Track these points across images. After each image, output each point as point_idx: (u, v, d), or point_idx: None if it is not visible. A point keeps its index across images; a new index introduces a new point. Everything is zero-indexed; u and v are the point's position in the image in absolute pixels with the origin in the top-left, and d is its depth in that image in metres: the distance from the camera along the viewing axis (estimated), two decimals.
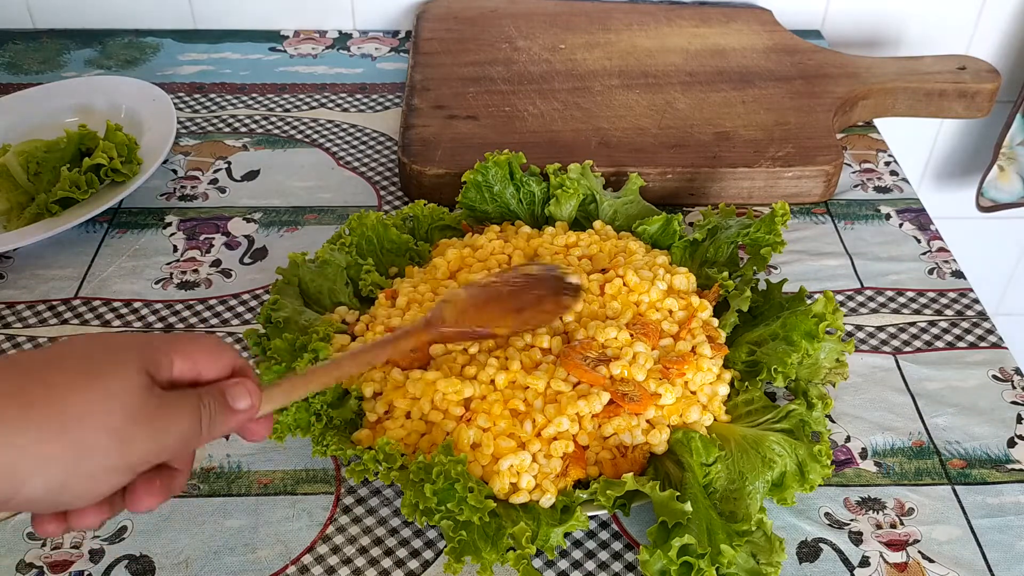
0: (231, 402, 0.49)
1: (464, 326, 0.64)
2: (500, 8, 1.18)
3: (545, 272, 0.67)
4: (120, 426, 0.44)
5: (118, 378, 0.45)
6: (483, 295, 0.66)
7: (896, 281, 0.87)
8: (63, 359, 0.45)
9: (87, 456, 0.43)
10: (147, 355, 0.46)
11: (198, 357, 0.49)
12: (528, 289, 0.67)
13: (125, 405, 0.44)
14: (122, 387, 0.44)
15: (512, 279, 0.67)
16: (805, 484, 0.64)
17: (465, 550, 0.59)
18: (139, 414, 0.45)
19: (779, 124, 0.98)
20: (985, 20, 1.25)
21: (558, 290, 0.68)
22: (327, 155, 1.00)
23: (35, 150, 0.90)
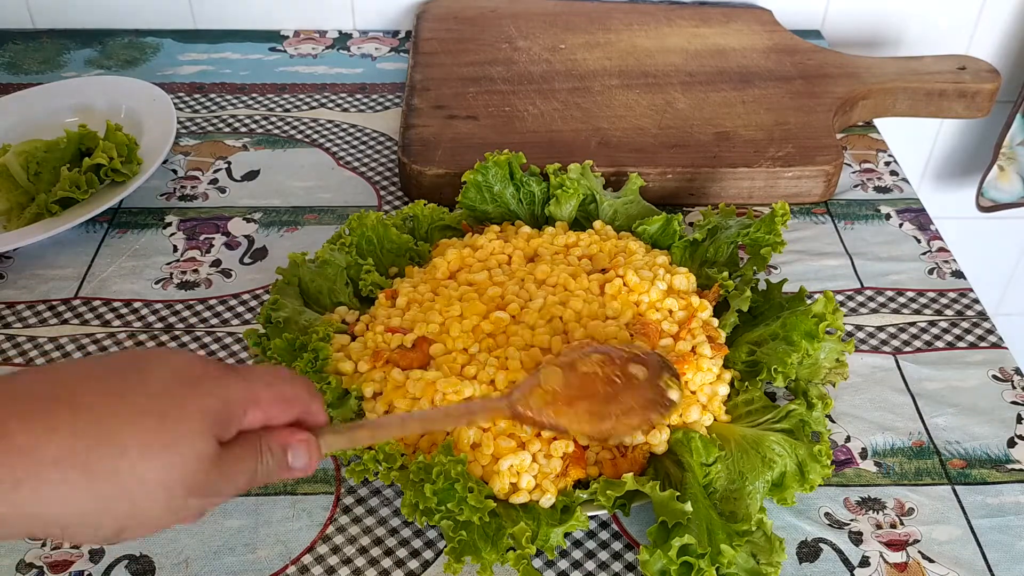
0: (291, 460, 0.48)
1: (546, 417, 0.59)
2: (500, 8, 1.18)
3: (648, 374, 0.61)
4: (179, 499, 0.44)
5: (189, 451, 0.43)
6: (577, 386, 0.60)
7: (896, 281, 0.87)
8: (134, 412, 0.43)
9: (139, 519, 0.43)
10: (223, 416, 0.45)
11: (272, 406, 0.48)
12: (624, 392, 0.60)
13: (190, 482, 0.43)
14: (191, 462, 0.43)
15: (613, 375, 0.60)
16: (805, 484, 0.64)
17: (465, 550, 0.59)
18: (200, 487, 0.44)
19: (779, 124, 0.98)
20: (985, 20, 1.25)
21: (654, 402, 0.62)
22: (327, 155, 1.00)
23: (35, 150, 0.90)
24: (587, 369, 0.60)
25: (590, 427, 0.59)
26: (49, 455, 0.40)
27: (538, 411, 0.58)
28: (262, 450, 0.47)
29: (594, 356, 0.61)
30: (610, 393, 0.60)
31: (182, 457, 0.43)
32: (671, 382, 0.62)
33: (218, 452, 0.45)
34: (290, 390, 0.49)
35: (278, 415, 0.48)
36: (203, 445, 0.44)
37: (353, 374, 0.70)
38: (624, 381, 0.60)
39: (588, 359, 0.61)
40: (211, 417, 0.44)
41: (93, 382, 0.44)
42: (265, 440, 0.47)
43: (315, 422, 0.50)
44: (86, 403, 0.42)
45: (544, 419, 0.58)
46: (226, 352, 0.78)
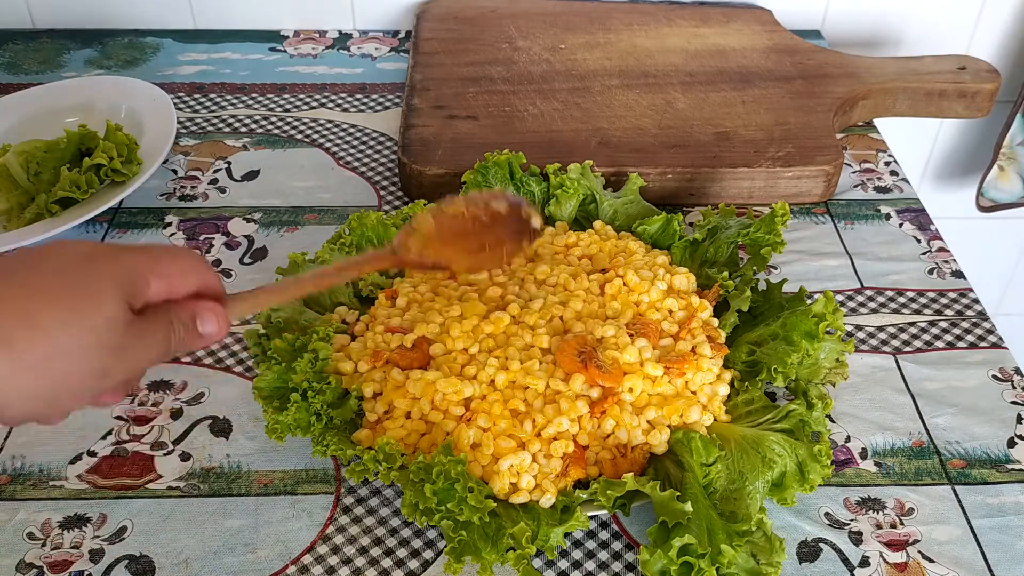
0: (200, 327, 0.51)
1: (426, 258, 0.64)
2: (500, 8, 1.18)
3: (510, 211, 0.67)
4: (99, 363, 0.46)
5: (100, 314, 0.46)
6: (449, 228, 0.66)
7: (896, 281, 0.87)
8: (44, 284, 0.46)
9: (65, 388, 0.46)
10: (127, 283, 0.48)
11: (173, 276, 0.51)
12: (492, 228, 0.67)
13: (105, 343, 0.46)
14: (104, 324, 0.46)
15: (479, 215, 0.67)
16: (805, 484, 0.64)
17: (465, 550, 0.59)
18: (117, 349, 0.47)
19: (779, 124, 0.98)
20: (985, 20, 1.25)
21: (520, 232, 0.68)
22: (327, 155, 1.00)
23: (35, 150, 0.90)
24: (454, 211, 0.66)
25: (467, 261, 0.66)
26: None
27: (418, 253, 0.63)
28: (172, 320, 0.50)
29: (458, 199, 0.66)
30: (479, 229, 0.66)
31: (94, 321, 0.46)
32: (531, 212, 0.67)
33: (130, 317, 0.48)
34: (187, 260, 0.53)
35: (179, 284, 0.51)
36: (113, 308, 0.47)
37: (353, 374, 0.70)
38: (489, 218, 0.66)
39: (453, 202, 0.66)
40: (117, 283, 0.47)
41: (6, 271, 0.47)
42: (174, 310, 0.51)
43: (215, 294, 0.53)
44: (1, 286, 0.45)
45: (425, 259, 0.64)
46: (226, 352, 0.78)
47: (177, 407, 0.74)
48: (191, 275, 0.52)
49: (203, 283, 0.53)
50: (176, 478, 0.69)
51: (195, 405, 0.74)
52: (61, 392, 0.46)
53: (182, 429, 0.72)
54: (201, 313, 0.52)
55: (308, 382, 0.67)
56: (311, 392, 0.66)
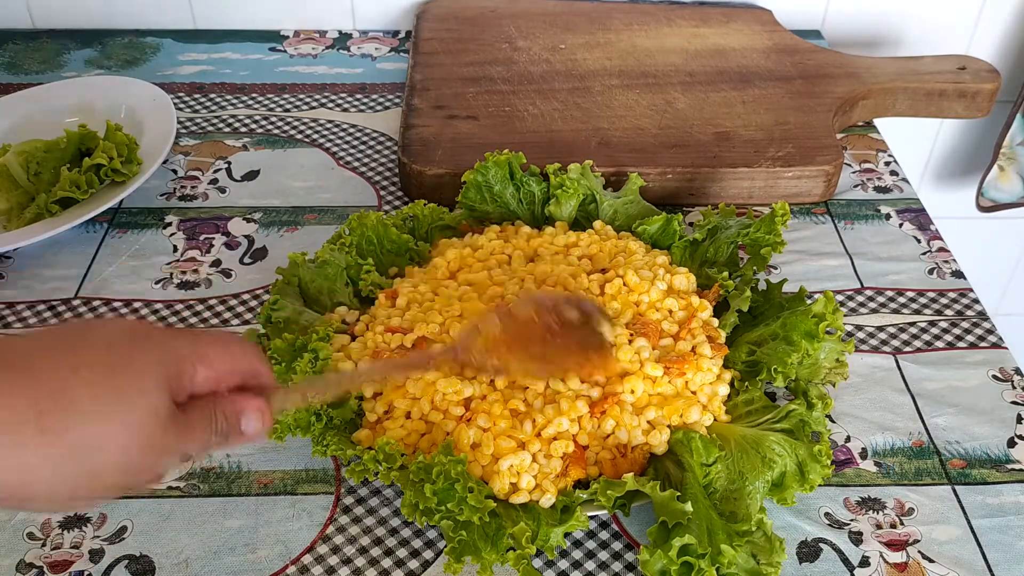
0: (244, 426, 0.49)
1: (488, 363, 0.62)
2: (500, 8, 1.18)
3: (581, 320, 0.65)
4: (133, 459, 0.44)
5: (139, 406, 0.44)
6: (515, 332, 0.63)
7: (896, 281, 0.87)
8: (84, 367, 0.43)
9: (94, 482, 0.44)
10: (172, 371, 0.46)
11: (220, 367, 0.48)
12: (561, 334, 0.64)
13: (142, 440, 0.44)
14: (144, 417, 0.44)
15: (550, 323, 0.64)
16: (805, 484, 0.64)
17: (465, 550, 0.59)
18: (154, 446, 0.44)
19: (779, 124, 0.98)
20: (985, 20, 1.25)
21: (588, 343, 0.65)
22: (327, 155, 1.00)
23: (35, 150, 0.90)
24: (524, 315, 0.63)
25: (533, 368, 0.63)
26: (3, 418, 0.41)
27: (481, 356, 0.62)
28: (216, 415, 0.48)
29: (529, 303, 0.64)
30: (548, 336, 0.63)
31: (135, 413, 0.43)
32: (604, 322, 0.65)
33: (172, 409, 0.45)
34: (238, 348, 0.50)
35: (227, 374, 0.49)
36: (156, 400, 0.44)
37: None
38: (560, 325, 0.63)
39: (523, 306, 0.64)
40: (162, 371, 0.45)
41: (45, 349, 0.44)
42: (219, 405, 0.48)
43: (264, 386, 0.51)
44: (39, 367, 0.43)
45: (488, 364, 0.62)
46: None
47: None
48: (239, 363, 0.50)
49: (251, 371, 0.50)
50: (176, 478, 0.69)
51: None
52: (89, 485, 0.44)
53: None
54: (246, 411, 0.49)
55: None
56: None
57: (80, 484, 0.43)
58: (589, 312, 0.65)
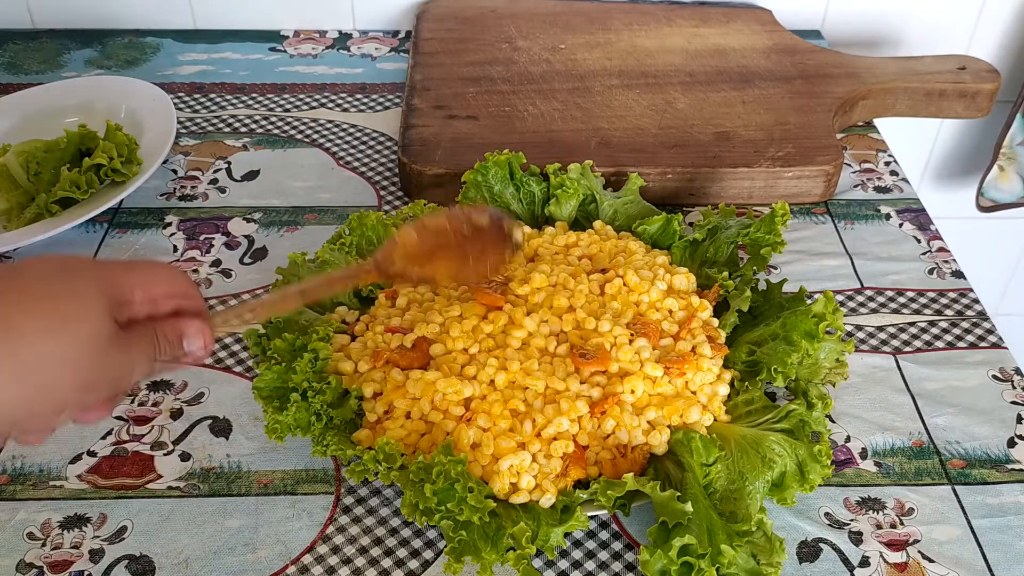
0: (186, 344, 0.52)
1: (409, 271, 0.65)
2: (500, 8, 1.18)
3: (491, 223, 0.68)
4: (83, 374, 0.45)
5: (84, 324, 0.45)
6: (432, 242, 0.66)
7: (896, 281, 0.87)
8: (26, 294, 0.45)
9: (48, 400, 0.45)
10: (110, 292, 0.47)
11: (156, 289, 0.50)
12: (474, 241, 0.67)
13: (89, 354, 0.45)
14: (88, 335, 0.45)
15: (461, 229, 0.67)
16: (805, 484, 0.64)
17: (465, 550, 0.59)
18: (102, 361, 0.46)
19: (779, 124, 0.98)
20: (985, 20, 1.25)
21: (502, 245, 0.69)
22: (327, 155, 1.00)
23: (35, 150, 0.90)
24: (436, 225, 0.66)
25: (450, 273, 0.67)
26: None
27: (402, 266, 0.65)
28: (158, 336, 0.50)
29: (440, 214, 0.67)
30: (461, 243, 0.66)
31: (79, 332, 0.45)
32: (512, 225, 0.68)
33: (115, 329, 0.47)
34: (169, 273, 0.52)
35: (162, 298, 0.51)
36: (97, 319, 0.46)
37: (353, 374, 0.70)
38: (472, 232, 0.67)
39: (436, 217, 0.67)
40: (101, 294, 0.47)
41: None
42: (159, 328, 0.50)
43: (197, 308, 0.53)
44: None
45: (408, 272, 0.65)
46: (226, 352, 0.78)
47: (177, 407, 0.74)
48: (173, 287, 0.52)
49: (185, 296, 0.53)
50: (176, 478, 0.69)
51: (195, 405, 0.74)
52: (44, 404, 0.45)
53: (182, 429, 0.72)
54: (187, 330, 0.52)
55: (308, 382, 0.67)
56: (311, 392, 0.66)
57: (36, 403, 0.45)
58: (498, 217, 0.68)
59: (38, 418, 0.46)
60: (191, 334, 0.52)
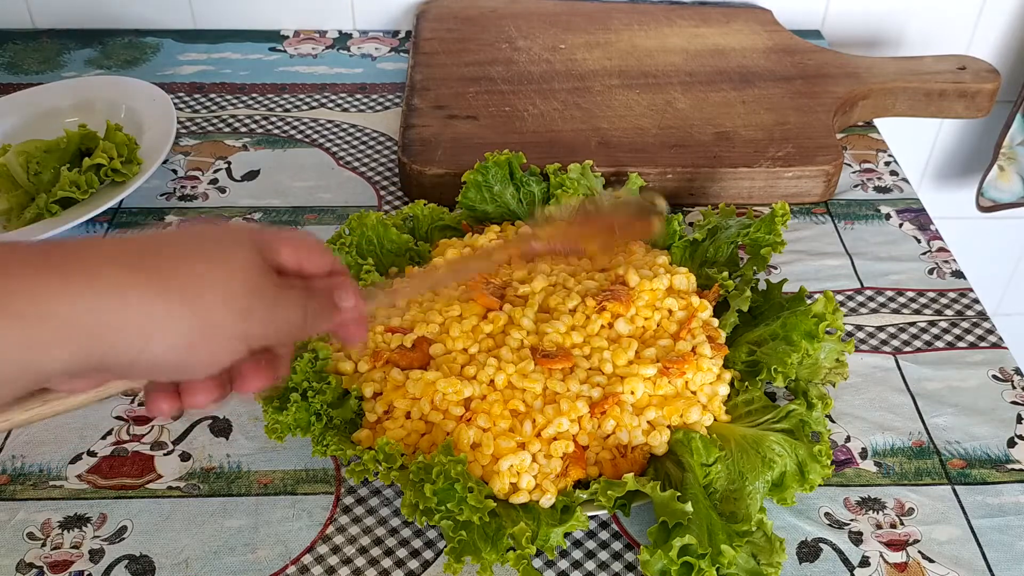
0: (337, 300, 0.51)
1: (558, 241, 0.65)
2: (500, 8, 1.18)
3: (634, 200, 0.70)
4: (242, 299, 0.45)
5: (238, 256, 0.46)
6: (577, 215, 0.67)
7: (896, 281, 0.87)
8: (178, 240, 0.46)
9: (210, 323, 0.44)
10: (259, 240, 0.48)
11: (302, 251, 0.50)
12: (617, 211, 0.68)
13: (246, 280, 0.46)
14: (242, 264, 0.46)
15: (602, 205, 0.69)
16: (805, 484, 0.64)
17: (465, 550, 0.59)
18: (258, 290, 0.46)
19: (779, 124, 0.98)
20: (985, 20, 1.25)
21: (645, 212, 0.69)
22: (327, 155, 1.00)
23: (35, 150, 0.90)
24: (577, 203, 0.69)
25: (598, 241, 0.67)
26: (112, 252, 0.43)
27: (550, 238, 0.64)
28: (310, 288, 0.49)
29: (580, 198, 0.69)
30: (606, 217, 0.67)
31: (235, 260, 0.46)
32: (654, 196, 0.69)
33: (268, 267, 0.47)
34: (318, 244, 0.52)
35: (309, 264, 0.50)
36: (252, 254, 0.47)
37: (353, 374, 0.70)
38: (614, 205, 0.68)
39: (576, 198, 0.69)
40: (249, 237, 0.48)
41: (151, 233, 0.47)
42: (311, 284, 0.50)
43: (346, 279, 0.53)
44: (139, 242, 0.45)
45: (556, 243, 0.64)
46: None
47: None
48: (320, 256, 0.51)
49: (332, 269, 0.52)
50: (176, 478, 0.69)
51: None
52: (206, 328, 0.44)
53: (182, 429, 0.72)
54: (337, 288, 0.51)
55: (308, 382, 0.67)
56: (311, 392, 0.66)
57: (193, 332, 0.44)
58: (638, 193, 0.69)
59: (201, 350, 0.45)
60: (343, 290, 0.51)
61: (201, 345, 0.45)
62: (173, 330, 0.43)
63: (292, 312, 0.48)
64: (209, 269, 0.45)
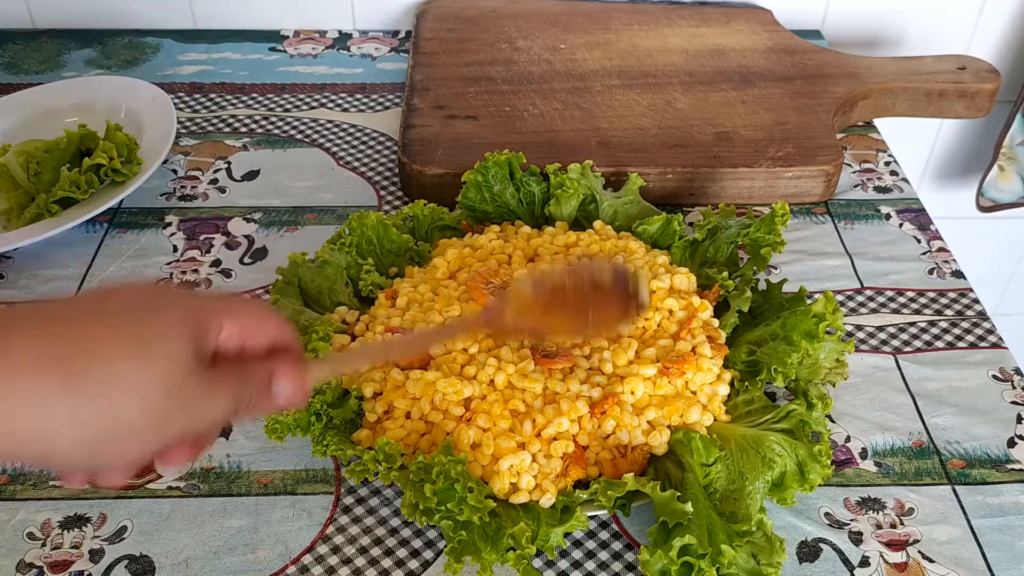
0: (274, 391, 0.48)
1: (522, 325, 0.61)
2: (500, 8, 1.18)
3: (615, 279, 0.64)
4: (159, 406, 0.43)
5: (163, 351, 0.43)
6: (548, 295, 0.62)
7: (896, 281, 0.87)
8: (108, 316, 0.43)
9: (121, 429, 0.42)
10: (196, 322, 0.45)
11: (246, 326, 0.47)
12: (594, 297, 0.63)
13: (167, 384, 0.43)
14: (167, 363, 0.43)
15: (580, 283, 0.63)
16: (805, 484, 0.64)
17: (465, 550, 0.59)
18: (180, 395, 0.43)
19: (779, 124, 0.98)
20: (985, 20, 1.25)
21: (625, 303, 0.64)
22: (327, 155, 1.00)
23: (35, 150, 0.90)
24: (554, 280, 0.62)
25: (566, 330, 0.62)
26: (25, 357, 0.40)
27: (514, 321, 0.60)
28: (244, 380, 0.46)
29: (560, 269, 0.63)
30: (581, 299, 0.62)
31: (157, 359, 0.43)
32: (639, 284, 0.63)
33: (196, 360, 0.44)
34: (265, 312, 0.49)
35: (253, 337, 0.47)
36: (179, 347, 0.43)
37: (353, 374, 0.70)
38: (592, 288, 0.62)
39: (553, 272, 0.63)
40: (187, 321, 0.44)
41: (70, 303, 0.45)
42: (248, 367, 0.47)
43: (292, 355, 0.49)
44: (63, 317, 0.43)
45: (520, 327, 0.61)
46: None
47: None
48: (266, 327, 0.48)
49: (279, 339, 0.49)
50: (176, 478, 0.69)
51: None
52: (116, 432, 0.42)
53: None
54: (278, 374, 0.47)
55: None
56: (311, 392, 0.66)
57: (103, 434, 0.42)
58: (623, 275, 0.63)
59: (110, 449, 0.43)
60: (281, 377, 0.47)
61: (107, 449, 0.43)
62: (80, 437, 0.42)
63: (219, 408, 0.45)
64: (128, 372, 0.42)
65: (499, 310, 0.61)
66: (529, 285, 0.61)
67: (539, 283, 0.61)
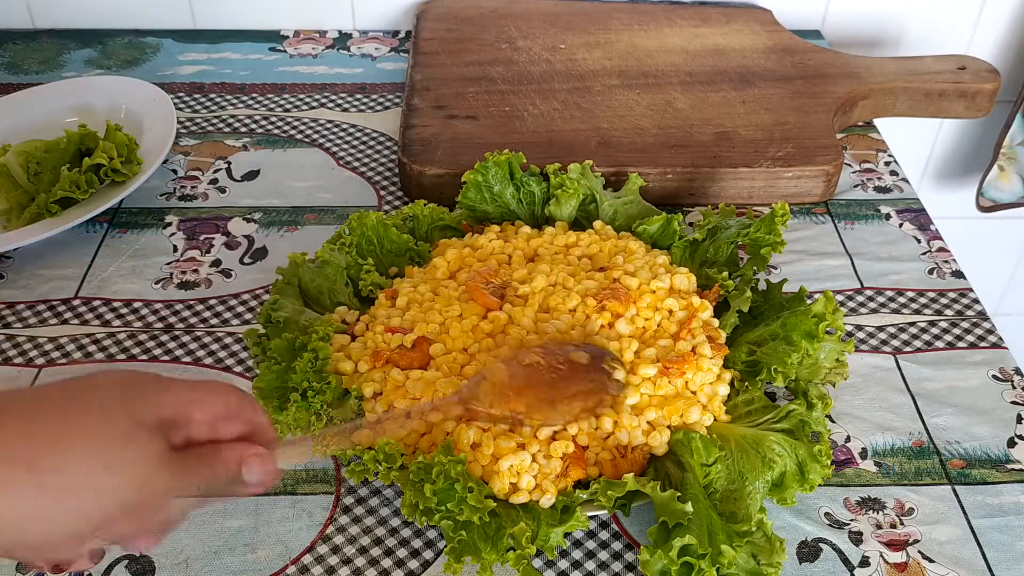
0: (244, 476, 0.48)
1: (497, 408, 0.62)
2: (500, 8, 1.18)
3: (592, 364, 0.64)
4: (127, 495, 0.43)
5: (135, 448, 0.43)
6: (523, 378, 0.63)
7: (896, 281, 0.87)
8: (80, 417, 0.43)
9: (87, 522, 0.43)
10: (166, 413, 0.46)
11: (217, 414, 0.48)
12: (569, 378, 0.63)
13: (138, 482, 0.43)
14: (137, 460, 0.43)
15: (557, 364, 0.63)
16: (805, 484, 0.64)
17: (465, 550, 0.59)
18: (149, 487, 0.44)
19: (779, 124, 0.98)
20: (985, 20, 1.25)
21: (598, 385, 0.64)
22: (327, 155, 1.00)
23: (35, 150, 0.90)
24: (529, 361, 0.63)
25: (541, 413, 0.62)
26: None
27: (488, 404, 0.61)
28: (214, 463, 0.47)
29: (535, 349, 0.64)
30: (555, 380, 0.63)
31: (128, 456, 0.43)
32: (614, 364, 0.64)
33: (167, 451, 0.45)
34: (234, 398, 0.49)
35: (224, 422, 0.48)
36: (147, 440, 0.44)
37: (353, 374, 0.70)
38: (568, 368, 0.63)
39: (529, 352, 0.64)
40: (157, 414, 0.45)
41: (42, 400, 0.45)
42: (218, 451, 0.47)
43: (265, 438, 0.50)
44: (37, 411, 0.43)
45: (495, 411, 0.61)
46: (226, 352, 0.78)
47: None
48: (236, 412, 0.49)
49: (251, 425, 0.49)
50: None
51: None
52: (82, 524, 0.43)
53: None
54: (247, 459, 0.48)
55: (308, 382, 0.67)
56: (311, 392, 0.66)
57: (73, 528, 0.43)
58: (599, 355, 0.64)
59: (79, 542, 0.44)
60: (251, 462, 0.48)
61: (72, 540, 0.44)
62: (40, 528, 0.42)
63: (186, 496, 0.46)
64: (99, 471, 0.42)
65: (473, 392, 0.62)
66: (503, 367, 0.63)
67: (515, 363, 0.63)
